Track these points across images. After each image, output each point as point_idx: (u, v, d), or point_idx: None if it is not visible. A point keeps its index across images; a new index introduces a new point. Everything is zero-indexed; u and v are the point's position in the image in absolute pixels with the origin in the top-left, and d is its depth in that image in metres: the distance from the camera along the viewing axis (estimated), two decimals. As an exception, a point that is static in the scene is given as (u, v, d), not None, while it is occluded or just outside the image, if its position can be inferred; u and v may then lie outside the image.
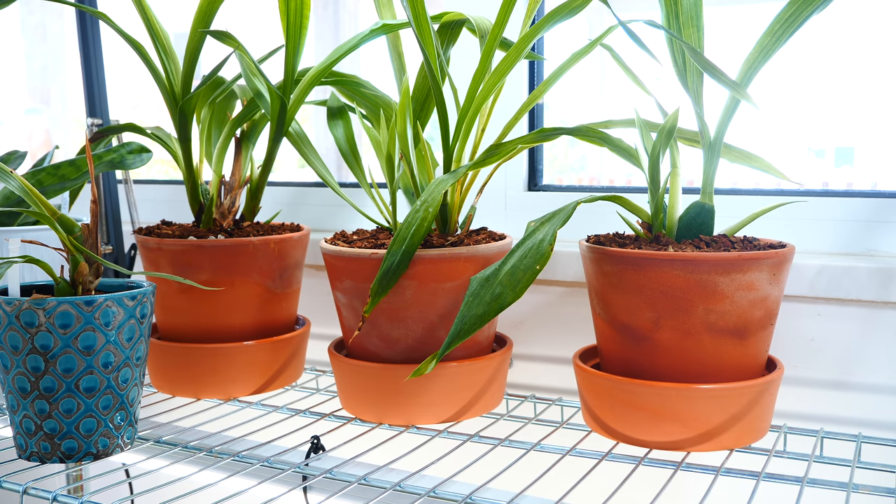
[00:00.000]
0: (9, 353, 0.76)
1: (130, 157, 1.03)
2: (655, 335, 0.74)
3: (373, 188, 0.93)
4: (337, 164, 1.67)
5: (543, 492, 0.75)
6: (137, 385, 0.81)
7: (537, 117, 1.15)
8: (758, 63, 0.73)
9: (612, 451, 0.78)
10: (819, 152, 1.66)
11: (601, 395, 0.78)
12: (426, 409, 0.83)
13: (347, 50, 0.93)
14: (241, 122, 1.00)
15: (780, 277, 0.75)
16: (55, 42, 2.58)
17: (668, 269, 0.72)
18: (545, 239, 0.71)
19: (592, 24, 1.37)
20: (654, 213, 0.80)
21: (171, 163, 1.46)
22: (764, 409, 0.76)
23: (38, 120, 2.64)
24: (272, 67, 1.24)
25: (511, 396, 0.96)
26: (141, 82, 1.72)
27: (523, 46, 0.79)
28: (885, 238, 0.92)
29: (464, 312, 0.72)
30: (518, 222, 1.13)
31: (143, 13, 0.93)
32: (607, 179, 1.68)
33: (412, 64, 0.94)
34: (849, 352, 0.90)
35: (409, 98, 0.85)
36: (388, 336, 0.83)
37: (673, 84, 0.78)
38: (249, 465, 0.80)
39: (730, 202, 0.99)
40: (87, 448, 0.78)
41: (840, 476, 0.75)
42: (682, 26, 0.76)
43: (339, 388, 0.89)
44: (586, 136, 0.83)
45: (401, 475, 0.76)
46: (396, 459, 0.79)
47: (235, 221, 1.01)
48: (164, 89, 0.96)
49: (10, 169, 0.85)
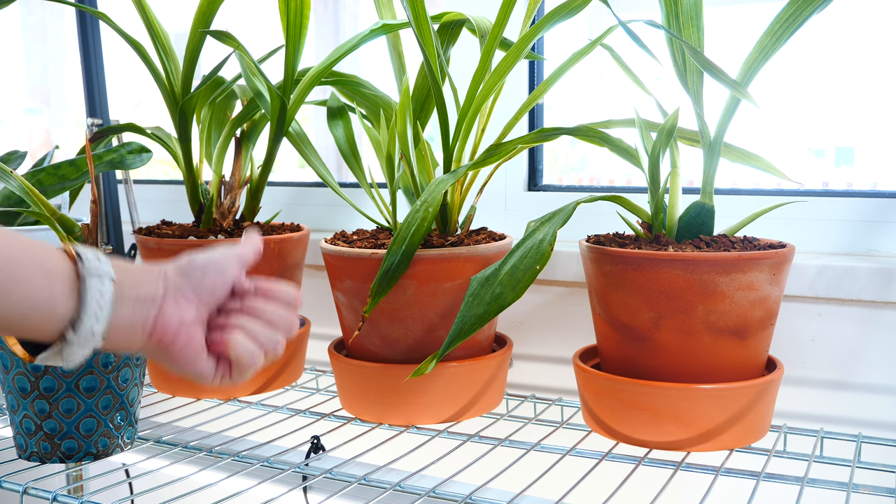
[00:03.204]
0: (9, 352, 0.76)
1: (130, 157, 1.03)
2: (655, 335, 0.74)
3: (373, 188, 0.93)
4: (337, 164, 1.67)
5: (543, 492, 0.75)
6: (137, 385, 0.81)
7: (537, 117, 1.15)
8: (758, 63, 0.73)
9: (612, 451, 0.78)
10: (819, 152, 1.66)
11: (601, 395, 0.78)
12: (426, 409, 0.83)
13: (347, 50, 0.93)
14: (241, 122, 1.00)
15: (780, 277, 0.75)
16: (55, 42, 2.58)
17: (668, 269, 0.72)
18: (545, 239, 0.71)
19: (592, 24, 1.37)
20: (654, 213, 0.80)
21: (171, 163, 1.46)
22: (764, 409, 0.76)
23: (38, 120, 2.64)
24: (272, 67, 1.23)
25: (511, 396, 0.96)
26: (141, 82, 1.72)
27: (523, 46, 0.79)
28: (886, 238, 0.92)
29: (464, 312, 0.72)
30: (518, 222, 1.13)
31: (143, 13, 0.93)
32: (607, 179, 1.68)
33: (412, 64, 0.94)
34: (849, 352, 0.90)
35: (409, 98, 0.85)
36: (388, 336, 0.83)
37: (673, 84, 0.78)
38: (249, 465, 0.80)
39: (730, 202, 0.99)
40: (87, 448, 0.78)
41: (840, 476, 0.75)
42: (682, 26, 0.76)
43: (339, 388, 0.89)
44: (586, 136, 0.83)
45: (401, 475, 0.76)
46: (396, 459, 0.79)
47: (235, 221, 1.01)
48: (164, 89, 0.96)
49: (10, 169, 0.86)
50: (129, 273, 0.57)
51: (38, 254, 0.52)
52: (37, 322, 0.53)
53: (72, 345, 0.54)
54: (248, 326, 0.61)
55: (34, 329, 0.53)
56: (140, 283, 0.57)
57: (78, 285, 0.54)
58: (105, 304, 0.54)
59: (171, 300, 0.58)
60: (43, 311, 0.52)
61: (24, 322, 0.52)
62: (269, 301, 0.63)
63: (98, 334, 0.54)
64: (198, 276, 0.60)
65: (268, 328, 0.62)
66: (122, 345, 0.57)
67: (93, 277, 0.54)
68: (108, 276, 0.54)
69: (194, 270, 0.60)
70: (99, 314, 0.54)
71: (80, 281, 0.54)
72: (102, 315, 0.54)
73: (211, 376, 0.61)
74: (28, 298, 0.51)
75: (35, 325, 0.53)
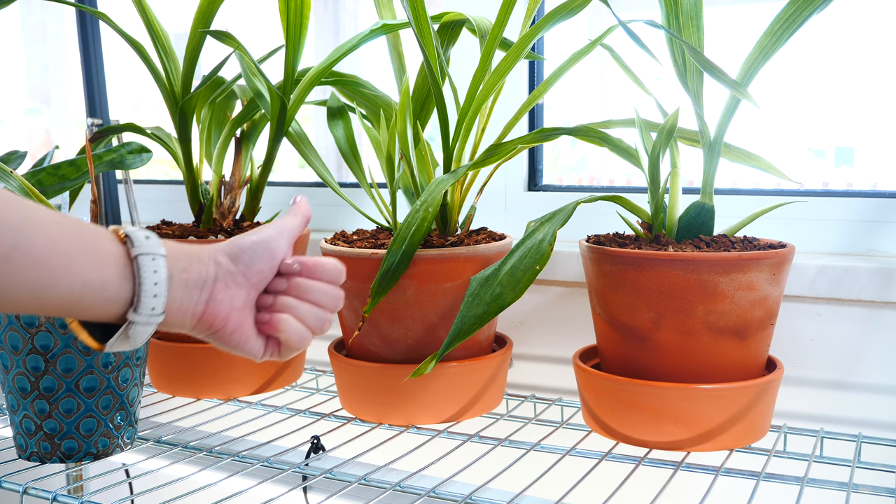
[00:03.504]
0: (9, 352, 0.76)
1: (130, 157, 1.03)
2: (655, 335, 0.74)
3: (373, 188, 0.93)
4: (337, 164, 1.67)
5: (543, 492, 0.75)
6: (137, 385, 0.81)
7: (537, 117, 1.15)
8: (758, 63, 0.73)
9: (612, 451, 0.78)
10: (819, 152, 1.66)
11: (601, 395, 0.78)
12: (426, 409, 0.83)
13: (347, 50, 0.93)
14: (241, 122, 1.00)
15: (780, 277, 0.75)
16: (55, 42, 2.58)
17: (668, 269, 0.72)
18: (545, 239, 0.71)
19: (592, 24, 1.37)
20: (654, 213, 0.80)
21: (171, 163, 1.46)
22: (764, 409, 0.76)
23: (38, 120, 2.64)
24: (272, 67, 1.23)
25: (511, 396, 0.96)
26: (141, 82, 1.72)
27: (523, 46, 0.79)
28: (886, 238, 0.92)
29: (464, 312, 0.72)
30: (518, 222, 1.13)
31: (143, 13, 0.93)
32: (607, 179, 1.68)
33: (412, 64, 0.94)
34: (849, 352, 0.90)
35: (409, 98, 0.85)
36: (388, 336, 0.83)
37: (673, 84, 0.78)
38: (249, 465, 0.80)
39: (730, 202, 0.99)
40: (87, 448, 0.78)
41: (840, 476, 0.75)
42: (682, 26, 0.76)
43: (338, 388, 0.89)
44: (586, 136, 0.83)
45: (401, 475, 0.76)
46: (396, 459, 0.79)
47: (235, 221, 1.01)
48: (164, 89, 0.96)
49: (10, 169, 0.85)
50: (178, 253, 0.57)
51: (89, 236, 0.53)
52: (92, 304, 0.53)
53: (135, 325, 0.55)
54: (297, 307, 0.61)
55: (90, 311, 0.53)
56: (189, 266, 0.57)
57: (131, 266, 0.54)
58: (161, 280, 0.54)
59: (221, 285, 0.58)
60: (97, 293, 0.52)
61: (80, 304, 0.52)
62: (314, 278, 0.63)
63: (159, 309, 0.55)
64: (247, 259, 0.60)
65: (315, 308, 0.62)
66: (176, 324, 0.57)
67: (144, 256, 0.54)
68: (160, 254, 0.55)
69: (243, 253, 0.60)
70: (156, 290, 0.54)
71: (132, 261, 0.54)
72: (160, 290, 0.54)
73: (260, 356, 0.62)
74: (81, 281, 0.51)
75: (91, 308, 0.53)
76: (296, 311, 0.61)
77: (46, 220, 0.50)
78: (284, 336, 0.61)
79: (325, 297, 0.63)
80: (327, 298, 0.63)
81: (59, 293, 0.51)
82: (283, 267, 0.62)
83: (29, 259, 0.49)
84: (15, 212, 0.49)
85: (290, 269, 0.62)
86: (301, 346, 0.62)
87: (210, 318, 0.58)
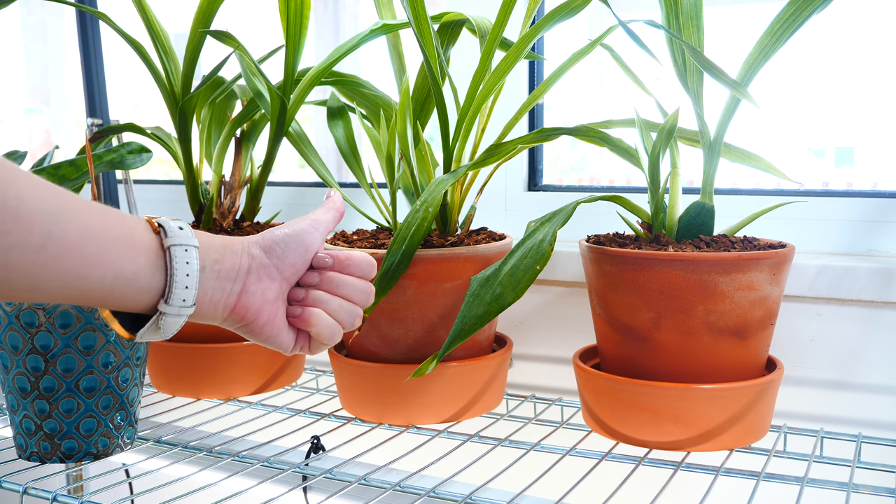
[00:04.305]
0: (9, 352, 0.76)
1: (130, 157, 1.03)
2: (655, 335, 0.74)
3: (373, 188, 0.93)
4: (337, 164, 1.67)
5: (543, 492, 0.75)
6: (137, 385, 0.81)
7: (537, 117, 1.15)
8: (758, 63, 0.73)
9: (612, 451, 0.78)
10: (819, 152, 1.66)
11: (601, 395, 0.78)
12: (426, 409, 0.83)
13: (347, 50, 0.93)
14: (241, 122, 1.00)
15: (780, 277, 0.75)
16: (55, 42, 2.58)
17: (668, 269, 0.72)
18: (545, 239, 0.71)
19: (592, 24, 1.37)
20: (654, 213, 0.80)
21: (171, 163, 1.46)
22: (764, 409, 0.76)
23: (38, 120, 2.64)
24: (272, 67, 1.23)
25: (511, 396, 0.96)
26: (141, 82, 1.72)
27: (523, 46, 0.79)
28: (886, 238, 0.92)
29: (464, 312, 0.72)
30: (518, 222, 1.13)
31: (143, 13, 0.93)
32: (607, 179, 1.68)
33: (412, 64, 0.94)
34: (849, 352, 0.90)
35: (409, 98, 0.85)
36: (388, 336, 0.83)
37: (673, 84, 0.78)
38: (249, 465, 0.80)
39: (730, 202, 0.99)
40: (87, 448, 0.78)
41: (840, 476, 0.75)
42: (682, 26, 0.76)
43: (338, 388, 0.89)
44: (586, 136, 0.83)
45: (401, 475, 0.76)
46: (396, 459, 0.79)
47: (235, 221, 1.01)
48: (164, 89, 0.96)
49: (10, 169, 0.85)
50: (210, 245, 0.57)
51: (122, 226, 0.52)
52: (124, 295, 0.52)
53: (166, 316, 0.54)
54: (328, 302, 0.61)
55: (122, 302, 0.53)
56: (221, 258, 0.57)
57: (164, 256, 0.54)
58: (193, 272, 0.54)
59: (254, 277, 0.58)
60: (129, 283, 0.52)
61: (111, 294, 0.52)
62: (346, 272, 0.63)
63: (190, 300, 0.54)
64: (280, 252, 0.60)
65: (347, 302, 0.62)
66: (207, 316, 0.57)
67: (177, 247, 0.54)
68: (193, 245, 0.55)
69: (277, 246, 0.60)
70: (188, 282, 0.54)
71: (165, 252, 0.54)
72: (192, 282, 0.54)
73: (290, 349, 0.62)
74: (113, 272, 0.51)
75: (122, 298, 0.53)
76: (327, 306, 0.61)
77: (80, 208, 0.49)
78: (315, 331, 0.61)
79: (357, 291, 0.63)
80: (358, 293, 0.63)
81: (90, 283, 0.50)
82: (316, 261, 0.62)
83: (62, 249, 0.48)
84: (49, 200, 0.48)
85: (323, 262, 0.62)
86: (332, 341, 0.62)
87: (242, 310, 0.58)
